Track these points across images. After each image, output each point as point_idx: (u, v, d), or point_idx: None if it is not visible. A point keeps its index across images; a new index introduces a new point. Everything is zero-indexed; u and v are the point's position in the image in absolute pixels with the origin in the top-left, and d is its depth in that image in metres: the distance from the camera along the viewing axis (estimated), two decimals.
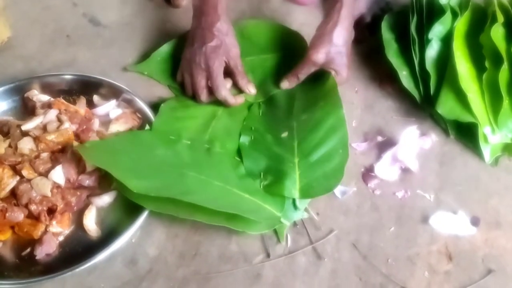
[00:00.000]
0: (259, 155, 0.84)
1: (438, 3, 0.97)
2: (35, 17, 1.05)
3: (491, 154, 0.88)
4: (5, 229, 0.73)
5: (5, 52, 0.97)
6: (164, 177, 0.77)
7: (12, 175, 0.74)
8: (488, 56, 0.90)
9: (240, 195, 0.78)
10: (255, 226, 0.76)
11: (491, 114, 0.88)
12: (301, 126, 0.87)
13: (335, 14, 0.88)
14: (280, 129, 0.87)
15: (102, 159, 0.76)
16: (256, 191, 0.79)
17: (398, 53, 0.96)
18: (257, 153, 0.84)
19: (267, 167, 0.82)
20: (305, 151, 0.83)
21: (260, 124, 0.89)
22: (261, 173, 0.82)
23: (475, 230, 0.78)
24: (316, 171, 0.81)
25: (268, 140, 0.86)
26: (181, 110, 0.89)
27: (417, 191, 0.83)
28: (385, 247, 0.77)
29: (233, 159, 0.84)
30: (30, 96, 0.87)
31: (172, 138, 0.83)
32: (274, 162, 0.82)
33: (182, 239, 0.76)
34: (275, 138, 0.86)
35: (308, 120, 0.87)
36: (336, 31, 0.87)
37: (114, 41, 1.01)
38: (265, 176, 0.81)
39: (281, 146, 0.84)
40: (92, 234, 0.75)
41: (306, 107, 0.90)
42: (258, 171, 0.82)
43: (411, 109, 0.93)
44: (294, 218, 0.79)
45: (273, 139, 0.86)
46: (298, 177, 0.80)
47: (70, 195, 0.75)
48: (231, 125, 0.88)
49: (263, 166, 0.82)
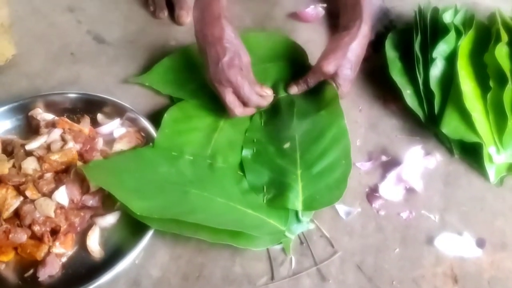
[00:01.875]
0: (262, 168, 0.84)
1: (442, 22, 0.98)
2: (40, 35, 1.05)
3: (496, 174, 0.87)
4: (8, 250, 0.72)
5: (10, 69, 0.97)
6: (167, 196, 0.77)
7: (16, 195, 0.74)
8: (492, 76, 0.90)
9: (243, 211, 0.78)
10: (259, 242, 0.76)
11: (495, 134, 0.87)
12: (303, 137, 0.86)
13: (355, 29, 0.87)
14: (282, 139, 0.86)
15: (106, 179, 0.76)
16: (259, 206, 0.79)
17: (402, 71, 0.96)
18: (259, 166, 0.84)
19: (269, 180, 0.82)
20: (307, 162, 0.83)
21: (262, 135, 0.88)
22: (264, 187, 0.82)
23: (481, 252, 0.78)
24: (319, 182, 0.81)
25: (270, 152, 0.85)
26: (184, 122, 0.89)
27: (422, 211, 0.83)
28: (390, 268, 0.76)
29: (236, 173, 0.83)
30: (34, 114, 0.87)
31: (175, 155, 0.83)
32: (277, 175, 0.82)
33: (185, 261, 0.75)
34: (277, 149, 0.85)
35: (310, 130, 0.87)
36: (352, 46, 0.86)
37: (118, 59, 1.02)
38: (268, 189, 0.81)
39: (283, 158, 0.84)
40: (95, 255, 0.74)
41: (306, 116, 0.89)
42: (261, 184, 0.82)
43: (416, 128, 0.93)
44: (298, 231, 0.78)
45: (275, 151, 0.85)
46: (301, 189, 0.80)
47: (74, 215, 0.75)
48: (233, 137, 0.88)
49: (266, 179, 0.82)
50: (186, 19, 1.09)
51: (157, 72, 0.97)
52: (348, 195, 0.83)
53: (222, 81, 0.82)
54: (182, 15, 1.09)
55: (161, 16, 1.10)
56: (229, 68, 0.81)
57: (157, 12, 1.10)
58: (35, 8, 1.10)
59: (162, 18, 1.11)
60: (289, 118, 0.90)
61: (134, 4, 1.14)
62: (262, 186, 0.82)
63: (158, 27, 1.09)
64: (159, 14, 1.10)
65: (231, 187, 0.81)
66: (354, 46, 0.87)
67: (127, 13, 1.11)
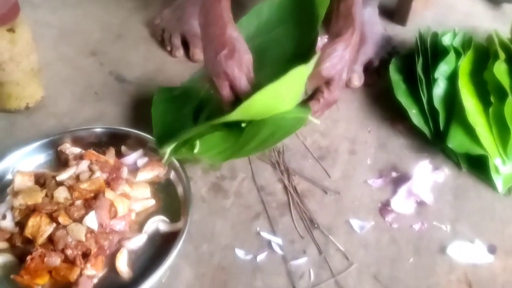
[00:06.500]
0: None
1: (442, 45, 1.04)
2: (66, 78, 1.12)
3: (503, 185, 0.91)
4: (43, 273, 0.76)
5: (39, 110, 1.04)
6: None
7: (49, 222, 0.79)
8: (492, 91, 0.94)
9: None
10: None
11: (500, 146, 0.91)
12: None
13: (348, 35, 0.88)
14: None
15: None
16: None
17: (406, 93, 1.01)
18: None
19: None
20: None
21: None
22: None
23: (493, 258, 0.81)
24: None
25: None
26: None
27: (434, 222, 0.86)
28: (405, 278, 0.79)
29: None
30: (63, 149, 0.93)
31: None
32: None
33: (209, 278, 0.79)
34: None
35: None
36: (347, 51, 0.88)
37: (139, 95, 1.08)
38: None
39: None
40: (124, 276, 0.78)
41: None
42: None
43: (423, 145, 0.97)
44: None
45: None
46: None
47: (103, 239, 0.79)
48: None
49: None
50: (200, 56, 1.15)
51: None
52: (362, 210, 0.87)
53: (220, 74, 0.84)
54: (196, 53, 1.16)
55: (177, 55, 1.18)
56: (227, 61, 0.83)
57: (174, 51, 1.18)
58: (61, 53, 1.18)
59: (178, 57, 1.18)
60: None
61: (152, 45, 1.22)
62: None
63: (174, 65, 1.17)
64: (175, 53, 1.18)
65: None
66: (349, 52, 0.88)
67: (145, 54, 1.19)
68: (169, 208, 0.87)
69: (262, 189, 0.91)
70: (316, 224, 0.85)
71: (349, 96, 1.08)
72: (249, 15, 1.01)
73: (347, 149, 0.98)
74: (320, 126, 1.01)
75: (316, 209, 0.88)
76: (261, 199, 0.90)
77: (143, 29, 1.26)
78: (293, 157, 0.97)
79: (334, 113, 1.04)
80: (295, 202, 0.89)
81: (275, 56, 0.95)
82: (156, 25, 1.24)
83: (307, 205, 0.89)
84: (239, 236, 0.84)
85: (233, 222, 0.86)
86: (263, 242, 0.83)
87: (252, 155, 0.94)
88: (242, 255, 0.81)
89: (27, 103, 1.03)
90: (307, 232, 0.85)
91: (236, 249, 0.82)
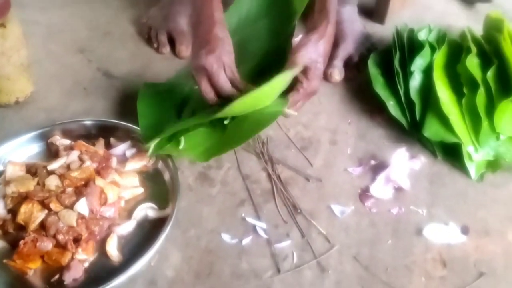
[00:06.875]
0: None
1: (418, 40, 1.08)
2: (54, 74, 1.15)
3: (476, 171, 0.95)
4: (36, 258, 0.79)
5: (29, 104, 1.07)
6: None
7: (41, 209, 0.82)
8: (465, 83, 0.99)
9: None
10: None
11: (472, 135, 0.96)
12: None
13: (322, 28, 0.94)
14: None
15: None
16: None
17: (384, 86, 1.06)
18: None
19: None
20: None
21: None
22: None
23: (466, 238, 0.85)
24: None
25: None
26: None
27: (411, 207, 0.90)
28: (384, 258, 0.83)
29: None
30: (53, 141, 0.96)
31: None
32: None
33: (196, 261, 0.82)
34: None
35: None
36: (321, 42, 0.93)
37: (127, 90, 1.11)
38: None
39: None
40: (114, 260, 0.81)
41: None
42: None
43: (400, 135, 1.02)
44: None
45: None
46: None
47: (94, 225, 0.82)
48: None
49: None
50: (186, 53, 1.19)
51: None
52: (342, 196, 0.91)
53: (199, 68, 0.88)
54: (182, 50, 1.20)
55: (163, 52, 1.21)
56: (207, 56, 0.87)
57: (160, 48, 1.21)
58: (49, 51, 1.21)
59: (164, 54, 1.21)
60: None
61: (139, 42, 1.25)
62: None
63: (161, 61, 1.20)
64: (162, 50, 1.21)
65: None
66: (323, 42, 0.93)
67: (133, 51, 1.23)
68: (157, 196, 0.90)
69: (247, 177, 0.95)
70: (299, 210, 0.89)
71: (330, 90, 1.13)
72: (230, 11, 1.06)
73: (328, 139, 1.02)
74: (303, 118, 1.05)
75: (299, 196, 0.92)
76: (246, 187, 0.93)
77: (130, 27, 1.29)
78: (277, 147, 1.01)
79: (316, 106, 1.08)
80: (279, 189, 0.93)
81: (254, 51, 1.00)
82: (143, 23, 1.28)
83: (290, 192, 0.92)
84: (225, 222, 0.88)
85: (219, 209, 0.90)
86: (248, 227, 0.87)
87: (235, 148, 0.98)
88: (228, 239, 0.85)
89: (17, 97, 1.05)
90: (290, 217, 0.89)
91: (222, 234, 0.85)
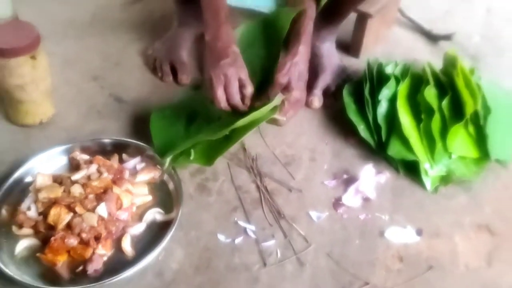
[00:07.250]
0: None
1: (385, 73, 1.27)
2: (71, 99, 1.31)
3: (431, 184, 1.13)
4: (63, 252, 0.94)
5: (51, 125, 1.23)
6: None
7: (67, 212, 0.97)
8: (423, 111, 1.17)
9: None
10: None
11: (428, 154, 1.14)
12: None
13: (295, 49, 1.15)
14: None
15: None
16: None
17: (356, 112, 1.23)
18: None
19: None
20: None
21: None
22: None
23: (419, 239, 1.03)
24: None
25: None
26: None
27: (376, 213, 1.07)
28: (352, 255, 1.00)
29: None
30: (74, 156, 1.12)
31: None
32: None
33: (196, 257, 0.98)
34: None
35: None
36: (295, 60, 1.13)
37: (136, 113, 1.27)
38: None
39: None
40: (128, 255, 0.97)
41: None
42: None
43: (369, 154, 1.20)
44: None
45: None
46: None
47: (111, 225, 0.98)
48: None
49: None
50: (187, 81, 1.37)
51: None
52: (319, 204, 1.09)
53: (220, 75, 1.04)
54: (183, 78, 1.37)
55: (167, 80, 1.38)
56: (228, 67, 1.05)
57: (164, 77, 1.38)
58: (66, 79, 1.37)
59: (167, 82, 1.38)
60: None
61: (145, 72, 1.42)
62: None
63: (166, 87, 1.37)
64: (165, 78, 1.38)
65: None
66: (297, 60, 1.13)
67: (140, 79, 1.40)
68: (164, 202, 1.07)
69: (239, 188, 1.12)
70: (283, 215, 1.06)
71: (311, 115, 1.31)
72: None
73: (308, 157, 1.20)
74: (287, 138, 1.23)
75: (283, 204, 1.09)
76: (238, 196, 1.10)
77: (138, 58, 1.47)
78: (265, 163, 1.18)
79: (298, 128, 1.26)
80: (266, 198, 1.10)
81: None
82: (149, 55, 1.45)
83: (275, 200, 1.09)
84: (220, 225, 1.04)
85: (216, 214, 1.06)
86: (240, 229, 1.03)
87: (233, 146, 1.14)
88: (223, 239, 1.01)
89: (41, 119, 1.22)
90: (275, 221, 1.05)
91: (218, 234, 1.02)
